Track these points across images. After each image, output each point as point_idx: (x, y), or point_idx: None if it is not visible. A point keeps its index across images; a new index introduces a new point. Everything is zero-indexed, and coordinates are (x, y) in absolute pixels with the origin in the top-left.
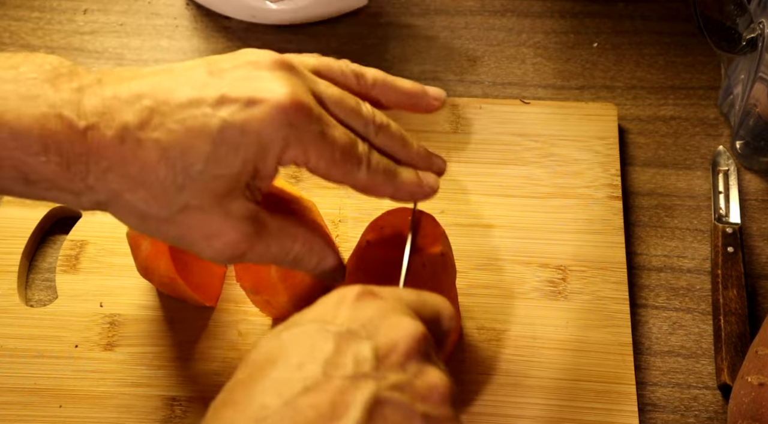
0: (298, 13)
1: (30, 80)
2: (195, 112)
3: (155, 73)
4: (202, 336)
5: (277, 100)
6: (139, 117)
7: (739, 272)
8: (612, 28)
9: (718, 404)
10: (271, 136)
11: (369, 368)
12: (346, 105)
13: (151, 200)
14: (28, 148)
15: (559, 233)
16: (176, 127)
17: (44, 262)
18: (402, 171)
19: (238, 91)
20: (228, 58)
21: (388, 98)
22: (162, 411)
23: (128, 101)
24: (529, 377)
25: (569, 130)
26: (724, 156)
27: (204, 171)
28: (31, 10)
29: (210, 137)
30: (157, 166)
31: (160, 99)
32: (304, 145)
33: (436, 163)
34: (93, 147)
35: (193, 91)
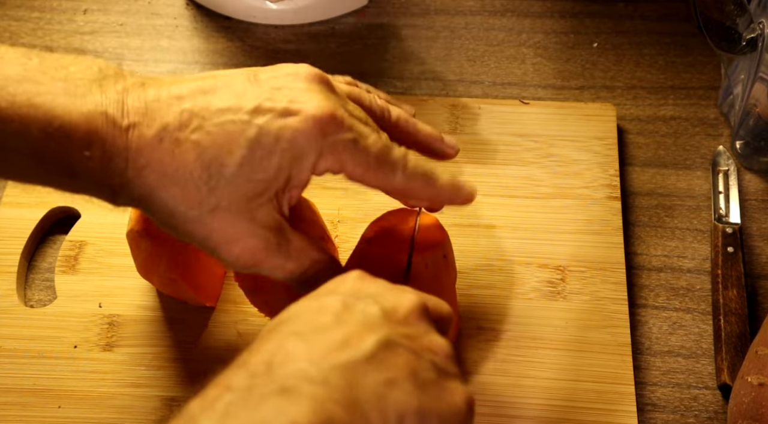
0: (298, 13)
1: (79, 80)
2: (233, 117)
3: (196, 80)
4: (201, 336)
5: (312, 111)
6: (179, 118)
7: (739, 272)
8: (612, 28)
9: (718, 404)
10: (306, 146)
11: (378, 320)
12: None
13: (183, 198)
14: (74, 143)
15: (559, 234)
16: (214, 130)
17: (43, 262)
18: (441, 173)
19: (275, 100)
20: (268, 69)
21: (407, 138)
22: (161, 412)
23: (169, 103)
24: (529, 377)
25: (568, 131)
26: (724, 156)
27: (237, 174)
28: (31, 10)
29: (246, 142)
30: (192, 166)
31: (200, 103)
32: (338, 154)
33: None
34: (133, 144)
35: (232, 98)
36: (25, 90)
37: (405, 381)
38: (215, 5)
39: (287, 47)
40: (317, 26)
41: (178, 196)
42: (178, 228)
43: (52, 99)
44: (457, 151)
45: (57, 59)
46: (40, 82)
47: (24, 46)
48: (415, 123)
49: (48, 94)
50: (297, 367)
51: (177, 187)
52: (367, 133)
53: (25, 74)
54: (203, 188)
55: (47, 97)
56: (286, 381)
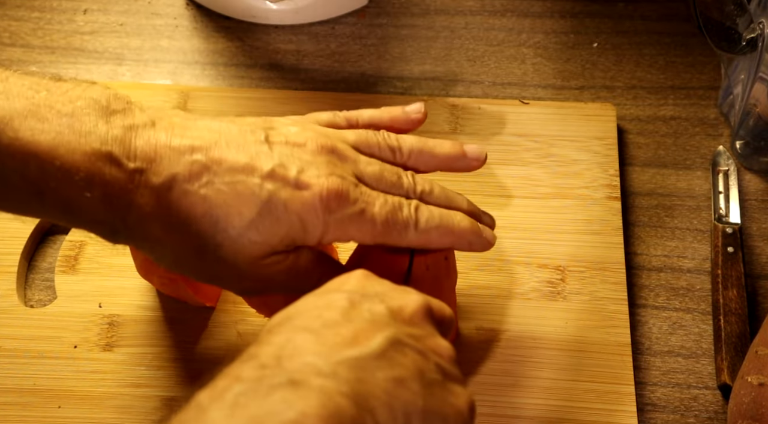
0: (298, 13)
1: (85, 116)
2: (245, 178)
3: (210, 129)
4: (201, 337)
5: (319, 188)
6: (189, 170)
7: (739, 272)
8: (612, 28)
9: (718, 404)
10: (312, 221)
11: (385, 319)
12: (387, 180)
13: (187, 249)
14: (75, 183)
15: (558, 234)
16: (226, 189)
17: (43, 262)
18: (458, 221)
19: (287, 169)
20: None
21: (426, 166)
22: (161, 412)
23: (180, 151)
24: (528, 378)
25: (568, 131)
26: (724, 156)
27: (243, 235)
28: (31, 10)
29: (257, 205)
30: (200, 220)
31: (214, 157)
32: (343, 228)
33: (486, 220)
34: (138, 190)
35: (245, 158)
36: (29, 126)
37: (412, 381)
38: (215, 5)
39: (287, 47)
40: (317, 26)
41: (183, 245)
42: (183, 270)
43: (55, 136)
44: (483, 159)
45: (65, 92)
46: (45, 118)
47: (24, 46)
48: (432, 148)
49: (52, 131)
50: (306, 360)
51: (183, 237)
52: (373, 200)
53: (31, 108)
54: (209, 242)
55: (51, 135)
56: (295, 374)
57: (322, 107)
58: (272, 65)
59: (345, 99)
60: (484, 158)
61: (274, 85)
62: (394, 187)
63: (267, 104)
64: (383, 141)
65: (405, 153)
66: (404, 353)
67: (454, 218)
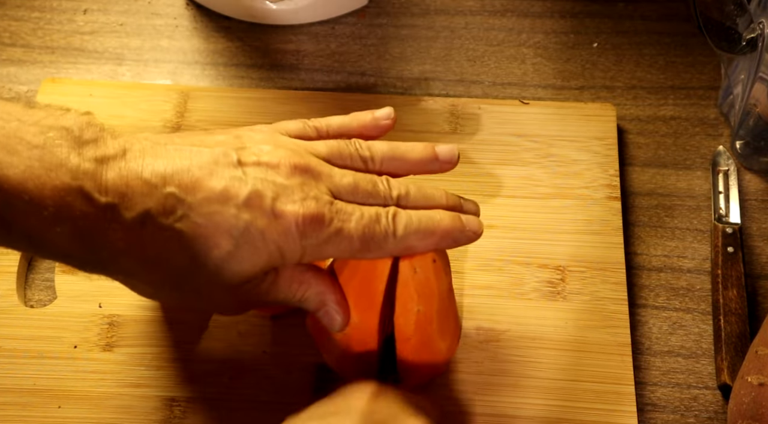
0: (298, 13)
1: (57, 147)
2: (221, 208)
3: (181, 155)
4: (201, 336)
5: (294, 216)
6: (163, 204)
7: (739, 272)
8: (612, 28)
9: (718, 404)
10: (290, 247)
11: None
12: (362, 191)
13: (164, 282)
14: (44, 218)
15: (558, 234)
16: (202, 221)
17: (43, 262)
18: (439, 221)
19: (262, 197)
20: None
21: (399, 171)
22: (161, 412)
23: (152, 184)
24: (528, 378)
25: (568, 131)
26: (724, 156)
27: (222, 267)
28: (31, 10)
29: (234, 237)
30: (177, 255)
31: (187, 187)
32: (320, 250)
33: (469, 208)
34: (111, 226)
35: (220, 186)
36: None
37: None
38: (215, 5)
39: (287, 47)
40: (317, 26)
41: (159, 280)
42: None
43: (24, 170)
44: (455, 161)
45: (37, 121)
46: (15, 150)
47: (24, 46)
48: (404, 154)
49: (21, 164)
50: None
51: (158, 272)
52: (349, 217)
53: (1, 140)
54: (186, 275)
55: (20, 169)
56: None
57: (322, 107)
58: (272, 65)
59: (345, 99)
60: (456, 160)
61: (274, 85)
62: (370, 196)
63: (267, 104)
64: (355, 152)
65: (377, 161)
66: None
67: (433, 218)
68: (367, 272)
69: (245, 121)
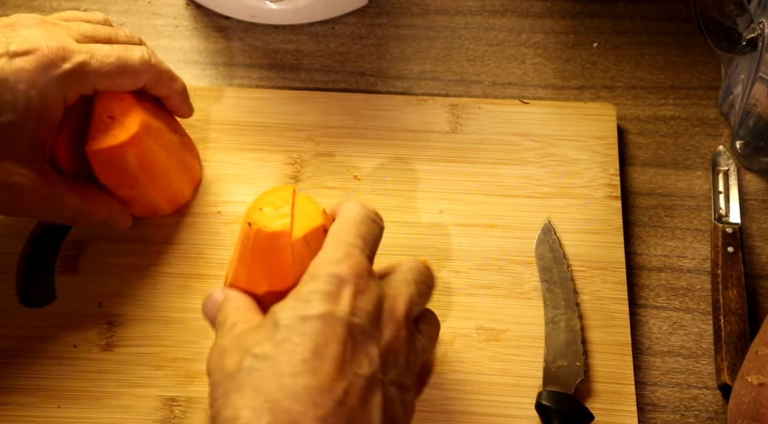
0: (298, 13)
1: None
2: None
3: None
4: (201, 336)
5: (40, 48)
6: None
7: (739, 272)
8: (612, 28)
9: (718, 404)
10: (46, 82)
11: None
12: (99, 37)
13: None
14: None
15: (558, 233)
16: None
17: (43, 262)
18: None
19: (7, 44)
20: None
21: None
22: (161, 412)
23: None
24: (529, 377)
25: (568, 130)
26: (724, 156)
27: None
28: (30, 10)
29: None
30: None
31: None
32: (80, 78)
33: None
34: None
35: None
36: None
37: None
38: (215, 5)
39: (287, 47)
40: (317, 26)
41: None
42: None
43: None
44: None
45: None
46: None
47: None
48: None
49: None
50: None
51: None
52: (98, 49)
53: None
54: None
55: None
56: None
57: (322, 107)
58: (272, 65)
59: (345, 99)
60: (191, 112)
61: (274, 85)
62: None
63: (267, 104)
64: (98, 30)
65: (122, 39)
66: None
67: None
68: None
69: (245, 120)
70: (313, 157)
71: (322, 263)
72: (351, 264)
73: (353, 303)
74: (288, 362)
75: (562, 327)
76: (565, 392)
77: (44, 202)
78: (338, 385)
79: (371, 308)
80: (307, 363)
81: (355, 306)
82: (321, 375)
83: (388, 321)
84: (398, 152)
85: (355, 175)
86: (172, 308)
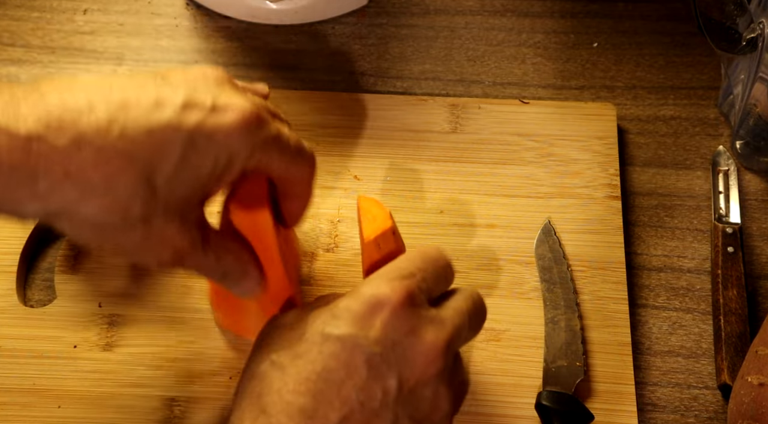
0: (298, 13)
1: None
2: (159, 117)
3: (100, 82)
4: (201, 336)
5: (239, 109)
6: (96, 125)
7: (739, 272)
8: (612, 28)
9: (718, 404)
10: (238, 145)
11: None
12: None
13: (113, 210)
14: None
15: (559, 233)
16: (141, 137)
17: (43, 262)
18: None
19: (199, 99)
20: (173, 72)
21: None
22: (161, 412)
23: (78, 111)
24: (529, 377)
25: (568, 130)
26: (724, 156)
27: (172, 179)
28: (31, 10)
29: (180, 145)
30: (122, 175)
31: (116, 104)
32: (267, 151)
33: None
34: (42, 156)
35: (152, 97)
36: None
37: None
38: (215, 5)
39: (287, 47)
40: (317, 26)
41: (107, 207)
42: (104, 239)
43: None
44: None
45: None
46: None
47: (24, 46)
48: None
49: None
50: None
51: (106, 197)
52: (281, 128)
53: None
54: (135, 197)
55: None
56: None
57: (322, 107)
58: (272, 65)
59: (345, 99)
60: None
61: (274, 85)
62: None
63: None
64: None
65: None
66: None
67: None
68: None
69: None
70: None
71: (371, 281)
72: (396, 288)
73: (384, 330)
74: (295, 377)
75: (562, 327)
76: (565, 392)
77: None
78: (334, 414)
79: (401, 338)
80: (311, 383)
81: (386, 333)
82: (320, 399)
83: (421, 353)
84: (398, 152)
85: (355, 175)
86: (172, 308)
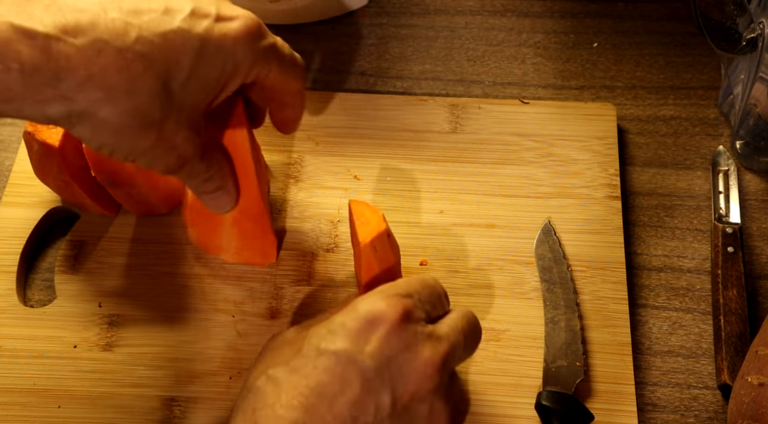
0: (298, 13)
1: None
2: (171, 23)
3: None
4: (201, 336)
5: (244, 18)
6: (114, 28)
7: (739, 272)
8: (612, 28)
9: (718, 404)
10: (243, 53)
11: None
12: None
13: (134, 113)
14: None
15: (559, 233)
16: (157, 41)
17: (43, 262)
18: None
19: (204, 8)
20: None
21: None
22: (161, 412)
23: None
24: (529, 377)
25: (568, 130)
26: (724, 156)
27: (186, 84)
28: None
29: (192, 52)
30: (144, 79)
31: (127, 10)
32: (268, 59)
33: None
34: (62, 57)
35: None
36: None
37: None
38: None
39: None
40: (317, 26)
41: (129, 110)
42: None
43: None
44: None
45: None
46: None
47: None
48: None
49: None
50: None
51: (129, 99)
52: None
53: None
54: (156, 100)
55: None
56: None
57: (322, 107)
58: None
59: (345, 99)
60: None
61: None
62: None
63: None
64: None
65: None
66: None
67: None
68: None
69: None
70: (313, 157)
71: (368, 297)
72: (393, 304)
73: (380, 345)
74: (289, 392)
75: (562, 327)
76: (564, 392)
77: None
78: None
79: (396, 354)
80: (304, 398)
81: (381, 349)
82: (313, 413)
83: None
84: (398, 152)
85: (355, 175)
86: (172, 308)
